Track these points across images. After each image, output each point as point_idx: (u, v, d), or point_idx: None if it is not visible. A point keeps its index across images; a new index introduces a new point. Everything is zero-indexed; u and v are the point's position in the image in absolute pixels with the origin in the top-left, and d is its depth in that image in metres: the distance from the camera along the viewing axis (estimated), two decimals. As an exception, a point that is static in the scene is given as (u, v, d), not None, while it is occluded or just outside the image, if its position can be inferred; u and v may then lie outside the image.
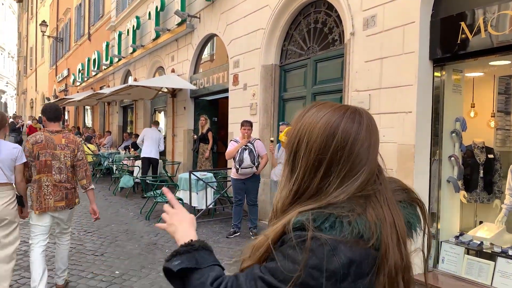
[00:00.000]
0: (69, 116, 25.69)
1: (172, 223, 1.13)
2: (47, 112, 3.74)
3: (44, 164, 3.59)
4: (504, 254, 4.13)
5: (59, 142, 3.66)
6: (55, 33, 27.27)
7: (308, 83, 6.41)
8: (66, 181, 3.69)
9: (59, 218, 3.76)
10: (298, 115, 0.99)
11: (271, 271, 0.84)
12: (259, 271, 0.86)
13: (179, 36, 10.27)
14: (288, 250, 0.84)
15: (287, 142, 0.98)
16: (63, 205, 3.69)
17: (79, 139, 4.36)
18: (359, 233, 0.85)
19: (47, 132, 3.66)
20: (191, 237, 1.06)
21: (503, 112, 5.12)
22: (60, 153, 3.64)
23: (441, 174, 4.68)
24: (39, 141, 3.60)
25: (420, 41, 4.37)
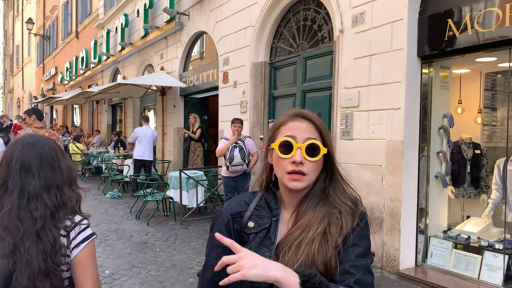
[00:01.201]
0: (57, 115, 25.37)
1: (252, 265, 0.90)
2: (38, 113, 4.83)
3: None
4: (491, 248, 4.21)
5: (43, 134, 4.49)
6: (41, 31, 26.89)
7: (297, 81, 6.42)
8: None
9: None
10: None
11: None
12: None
13: (168, 33, 10.20)
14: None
15: None
16: None
17: (57, 134, 5.96)
18: None
19: (34, 128, 4.65)
20: (281, 268, 0.91)
21: (490, 108, 5.19)
22: None
23: (429, 169, 4.74)
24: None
25: (408, 38, 4.41)
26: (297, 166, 1.05)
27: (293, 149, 1.05)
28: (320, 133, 1.09)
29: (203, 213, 7.41)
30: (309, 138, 1.07)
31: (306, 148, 1.05)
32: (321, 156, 1.07)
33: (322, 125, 1.11)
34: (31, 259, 1.21)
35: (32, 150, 1.37)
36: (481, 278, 4.13)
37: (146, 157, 8.71)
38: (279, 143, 1.08)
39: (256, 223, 1.11)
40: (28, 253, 1.22)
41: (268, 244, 1.06)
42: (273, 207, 1.12)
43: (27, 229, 1.25)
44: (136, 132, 8.95)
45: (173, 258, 5.01)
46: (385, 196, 4.61)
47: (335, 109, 5.30)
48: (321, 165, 1.10)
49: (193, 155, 8.71)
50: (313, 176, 1.08)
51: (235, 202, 1.18)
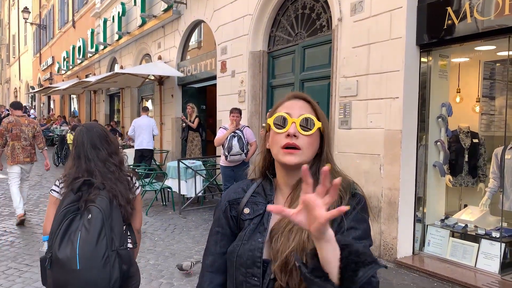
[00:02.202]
0: (55, 105, 25.27)
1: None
2: (15, 105, 6.16)
3: (16, 135, 5.80)
4: (487, 236, 4.24)
5: (23, 122, 5.96)
6: (38, 20, 26.63)
7: (296, 70, 6.39)
8: (29, 146, 5.95)
9: (25, 169, 6.02)
10: None
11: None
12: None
13: (165, 22, 10.12)
14: None
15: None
16: (28, 160, 5.98)
17: (36, 120, 7.32)
18: None
19: (15, 116, 5.93)
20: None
21: (488, 97, 5.19)
22: (25, 129, 5.89)
23: (427, 159, 4.75)
24: (11, 121, 5.84)
25: (407, 27, 4.38)
26: (291, 139, 1.05)
27: (287, 123, 1.06)
28: (315, 112, 1.10)
29: (202, 202, 7.43)
30: (303, 113, 1.08)
31: (300, 122, 1.06)
32: (315, 130, 1.07)
33: (317, 105, 1.14)
34: (123, 191, 2.06)
35: (93, 132, 2.12)
36: (478, 266, 4.17)
37: (145, 146, 8.57)
38: (274, 118, 1.10)
39: (251, 209, 1.11)
40: (121, 189, 2.05)
41: (262, 230, 1.06)
42: (268, 193, 1.13)
43: (113, 178, 2.05)
44: (134, 123, 8.86)
45: (172, 247, 5.04)
46: (383, 185, 4.62)
47: (334, 98, 5.29)
48: (316, 143, 1.09)
49: (191, 145, 8.70)
50: (308, 152, 1.07)
51: (233, 189, 1.20)
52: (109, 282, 1.84)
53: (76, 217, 1.91)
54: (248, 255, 1.04)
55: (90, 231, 1.84)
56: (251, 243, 1.05)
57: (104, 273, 1.84)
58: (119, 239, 1.93)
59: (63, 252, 1.82)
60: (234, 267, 1.07)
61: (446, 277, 4.03)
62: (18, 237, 5.32)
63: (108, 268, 1.85)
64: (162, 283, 3.96)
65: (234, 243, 1.09)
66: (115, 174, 2.07)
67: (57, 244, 1.83)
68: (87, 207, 1.91)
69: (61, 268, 1.82)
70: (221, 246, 1.14)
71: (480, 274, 4.08)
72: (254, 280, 1.02)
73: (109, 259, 1.86)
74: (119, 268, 1.88)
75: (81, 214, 1.91)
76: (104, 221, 1.88)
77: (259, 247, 1.04)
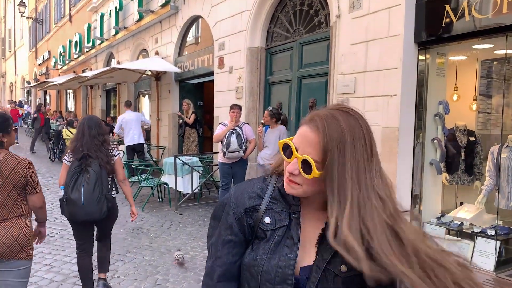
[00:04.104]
0: (51, 100, 25.13)
1: None
2: None
3: None
4: (483, 234, 4.25)
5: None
6: (34, 14, 26.43)
7: (294, 66, 6.38)
8: None
9: None
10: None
11: None
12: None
13: (163, 17, 10.06)
14: None
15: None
16: None
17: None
18: None
19: None
20: None
21: (485, 95, 5.19)
22: None
23: (424, 156, 4.76)
24: None
25: (405, 24, 4.37)
26: (290, 175, 0.98)
27: (292, 156, 0.98)
28: (324, 150, 0.93)
29: (198, 199, 7.42)
30: (308, 153, 0.94)
31: (301, 162, 0.95)
32: (312, 176, 0.94)
33: (333, 137, 0.92)
34: (103, 157, 3.27)
35: (91, 120, 3.43)
36: (473, 264, 4.18)
37: (136, 141, 8.54)
38: (283, 144, 1.01)
39: (273, 218, 1.02)
40: (101, 156, 3.26)
41: (290, 244, 0.99)
42: (292, 203, 1.03)
43: (97, 148, 3.27)
44: (120, 120, 8.74)
45: (168, 243, 5.03)
46: (379, 183, 4.61)
47: (331, 95, 5.28)
48: (319, 181, 0.96)
49: (187, 141, 8.67)
50: (309, 190, 0.98)
51: (247, 195, 1.07)
52: (100, 212, 3.21)
53: (80, 175, 3.21)
54: (277, 271, 0.97)
55: (89, 184, 3.17)
56: (279, 258, 0.98)
57: (97, 207, 3.18)
58: (106, 188, 3.27)
59: (74, 195, 3.14)
60: (258, 282, 0.99)
61: (441, 275, 4.04)
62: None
63: (100, 205, 3.19)
64: (158, 279, 3.96)
65: (256, 255, 1.01)
66: (98, 146, 3.31)
67: (70, 190, 3.17)
68: (86, 169, 3.22)
69: (73, 204, 3.15)
70: (233, 255, 1.05)
71: (476, 271, 4.08)
72: None
73: (100, 199, 3.19)
74: (106, 205, 3.23)
75: (83, 174, 3.22)
76: (97, 177, 3.21)
77: (291, 264, 0.97)
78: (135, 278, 4.00)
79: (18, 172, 2.38)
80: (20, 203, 2.44)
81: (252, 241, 1.05)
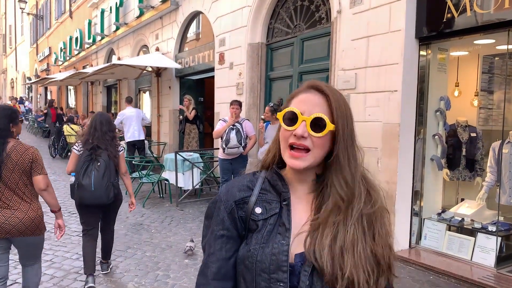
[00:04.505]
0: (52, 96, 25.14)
1: None
2: None
3: None
4: (484, 230, 4.25)
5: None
6: (34, 10, 26.38)
7: (294, 62, 6.35)
8: None
9: None
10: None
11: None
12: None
13: (163, 13, 10.03)
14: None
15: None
16: None
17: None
18: None
19: None
20: None
21: (486, 91, 5.17)
22: None
23: (425, 152, 4.75)
24: None
25: (406, 19, 4.35)
26: (298, 139, 0.98)
27: (297, 121, 0.98)
28: (331, 108, 0.99)
29: (199, 195, 7.42)
30: (316, 111, 0.98)
31: (311, 122, 0.97)
32: (326, 132, 0.98)
33: (336, 99, 1.00)
34: (112, 150, 3.67)
35: (103, 116, 3.81)
36: (474, 260, 4.19)
37: (136, 137, 8.60)
38: (284, 113, 1.01)
39: (263, 208, 1.02)
40: (110, 149, 3.65)
41: (282, 231, 0.98)
42: (281, 190, 1.03)
43: (107, 142, 3.64)
44: (121, 115, 8.78)
45: (169, 239, 5.04)
46: (380, 179, 4.57)
47: (332, 91, 5.25)
48: (328, 144, 1.00)
49: (188, 137, 8.66)
50: (317, 153, 0.99)
51: (237, 188, 1.07)
52: (108, 197, 3.56)
53: (90, 164, 3.56)
54: (271, 259, 0.95)
55: (99, 171, 3.54)
56: (272, 246, 0.96)
57: (106, 193, 3.54)
58: (113, 177, 3.65)
59: (85, 181, 3.49)
60: (253, 273, 0.97)
61: (442, 271, 4.05)
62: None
63: (108, 191, 3.55)
64: (159, 275, 3.97)
65: (249, 246, 0.99)
66: (109, 141, 3.68)
67: (81, 176, 3.50)
68: (96, 158, 3.58)
69: (84, 189, 3.50)
70: (226, 250, 1.03)
71: (476, 267, 4.10)
72: (280, 285, 0.95)
73: (108, 186, 3.55)
74: (113, 191, 3.60)
75: (93, 162, 3.57)
76: (106, 166, 3.57)
77: (284, 250, 0.96)
78: (136, 274, 4.01)
79: (25, 157, 2.68)
80: (31, 186, 2.74)
81: (245, 235, 1.03)
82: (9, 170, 2.64)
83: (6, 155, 2.63)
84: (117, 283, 3.81)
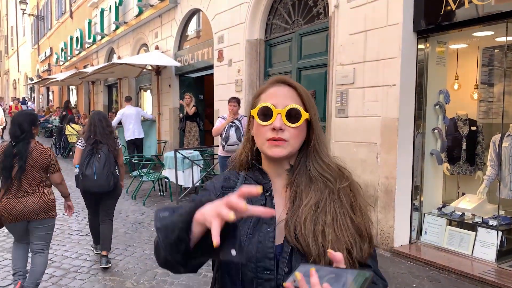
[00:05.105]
0: (54, 96, 25.20)
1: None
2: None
3: None
4: (485, 224, 4.21)
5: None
6: (35, 11, 26.42)
7: (293, 58, 6.32)
8: None
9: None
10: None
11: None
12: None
13: (162, 11, 10.00)
14: None
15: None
16: None
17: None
18: None
19: None
20: None
21: (487, 84, 5.12)
22: None
23: (425, 147, 4.71)
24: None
25: (404, 13, 4.30)
26: (277, 133, 1.00)
27: (272, 115, 1.00)
28: (301, 99, 1.04)
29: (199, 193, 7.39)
30: (290, 103, 1.01)
31: (286, 114, 1.00)
32: (302, 121, 1.01)
33: (304, 90, 1.06)
34: (111, 143, 4.11)
35: (100, 114, 4.29)
36: (475, 255, 4.15)
37: (136, 135, 8.77)
38: (258, 110, 1.03)
39: (248, 201, 1.00)
40: (110, 143, 4.08)
41: (268, 220, 0.98)
42: (263, 182, 1.05)
43: (107, 137, 4.08)
44: (120, 114, 8.93)
45: (169, 237, 5.02)
46: (379, 174, 4.58)
47: (331, 86, 5.23)
48: (303, 132, 1.04)
49: (188, 135, 8.65)
50: (295, 143, 1.02)
51: (223, 178, 1.12)
52: (108, 185, 4.00)
53: (92, 156, 4.00)
54: (257, 247, 0.96)
55: (100, 163, 3.96)
56: (258, 234, 0.97)
57: (106, 181, 3.98)
58: (113, 168, 4.06)
59: (88, 171, 3.94)
60: (239, 264, 0.96)
61: (442, 266, 4.02)
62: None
63: (108, 179, 3.98)
64: (157, 273, 3.96)
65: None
66: (108, 135, 4.10)
67: (84, 168, 3.96)
68: (97, 151, 4.01)
69: (87, 179, 3.96)
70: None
71: (477, 262, 4.06)
72: (267, 274, 0.94)
73: (108, 175, 3.98)
74: (113, 180, 4.03)
75: (95, 155, 4.00)
76: (106, 158, 3.99)
77: (270, 236, 0.96)
78: (134, 272, 4.00)
79: (43, 156, 3.23)
80: (45, 178, 3.30)
81: None
82: (30, 165, 3.15)
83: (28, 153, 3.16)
84: (116, 281, 3.81)
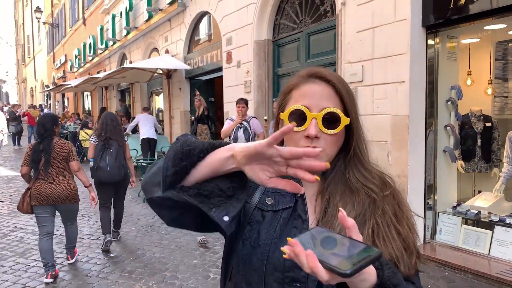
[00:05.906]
0: (69, 102, 25.61)
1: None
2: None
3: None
4: (501, 223, 4.08)
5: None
6: (50, 19, 26.94)
7: (301, 58, 6.25)
8: None
9: None
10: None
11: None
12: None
13: (171, 15, 10.06)
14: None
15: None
16: None
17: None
18: None
19: None
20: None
21: (501, 78, 4.98)
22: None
23: (437, 144, 4.59)
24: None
25: (412, 7, 4.20)
26: (311, 141, 0.86)
27: (306, 119, 0.86)
28: (341, 98, 0.89)
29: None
30: (327, 105, 0.87)
31: (323, 119, 0.86)
32: (341, 128, 0.88)
33: (344, 86, 0.90)
34: (121, 140, 4.77)
35: (111, 115, 4.99)
36: (492, 254, 4.02)
37: (151, 135, 9.42)
38: (289, 113, 0.88)
39: (274, 200, 0.92)
40: (119, 139, 4.74)
41: (299, 224, 0.88)
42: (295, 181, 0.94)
43: (116, 132, 4.73)
44: (137, 118, 9.87)
45: (178, 240, 5.01)
46: (391, 173, 4.43)
47: (339, 85, 5.14)
48: (342, 138, 0.91)
49: (200, 138, 8.60)
50: (331, 151, 0.89)
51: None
52: (120, 175, 4.63)
53: (105, 150, 4.57)
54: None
55: (112, 156, 4.55)
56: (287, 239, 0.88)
57: (118, 172, 4.61)
58: (123, 161, 4.68)
59: (102, 164, 4.52)
60: (262, 273, 0.85)
61: (458, 266, 3.90)
62: (27, 233, 5.37)
63: (119, 171, 4.61)
64: (166, 276, 3.94)
65: (258, 242, 0.87)
66: (118, 133, 4.71)
67: (98, 161, 4.53)
68: (109, 146, 4.58)
69: (101, 170, 4.54)
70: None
71: (494, 262, 3.93)
72: (295, 286, 0.84)
73: (120, 167, 4.61)
74: (124, 171, 4.67)
75: (107, 150, 4.57)
76: (117, 152, 4.59)
77: None
78: (143, 275, 3.99)
79: (64, 149, 3.88)
80: (68, 169, 3.91)
81: (243, 228, 0.91)
82: (54, 157, 3.80)
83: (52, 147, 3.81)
84: (125, 284, 3.80)
